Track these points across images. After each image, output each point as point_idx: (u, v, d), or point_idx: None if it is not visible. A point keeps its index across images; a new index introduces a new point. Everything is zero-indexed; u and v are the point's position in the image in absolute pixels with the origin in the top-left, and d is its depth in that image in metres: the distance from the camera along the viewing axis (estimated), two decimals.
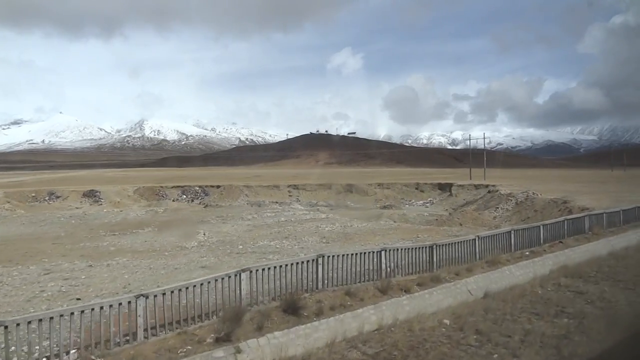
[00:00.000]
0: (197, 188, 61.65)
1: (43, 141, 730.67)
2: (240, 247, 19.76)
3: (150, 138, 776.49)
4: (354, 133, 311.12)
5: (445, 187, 61.47)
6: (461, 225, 35.27)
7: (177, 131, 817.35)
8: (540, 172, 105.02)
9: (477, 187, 56.86)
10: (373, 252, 10.88)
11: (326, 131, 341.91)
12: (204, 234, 23.60)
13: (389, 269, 11.01)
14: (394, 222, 35.14)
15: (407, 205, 57.43)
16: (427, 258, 11.91)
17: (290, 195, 60.88)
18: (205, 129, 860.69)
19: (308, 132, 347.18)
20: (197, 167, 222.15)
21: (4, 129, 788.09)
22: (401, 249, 11.69)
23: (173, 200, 57.01)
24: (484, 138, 73.76)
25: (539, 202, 37.16)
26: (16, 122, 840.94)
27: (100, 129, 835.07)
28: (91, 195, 51.37)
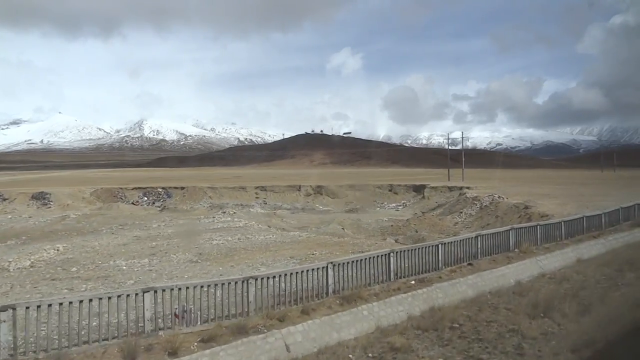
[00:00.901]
0: (161, 190, 59.09)
1: (42, 141, 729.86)
2: (75, 269, 16.91)
3: (149, 138, 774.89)
4: (350, 133, 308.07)
5: (420, 189, 58.64)
6: (417, 232, 32.49)
7: (176, 131, 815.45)
8: (528, 173, 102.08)
9: (451, 189, 54.07)
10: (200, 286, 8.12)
11: (321, 131, 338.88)
12: (58, 250, 20.67)
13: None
14: (342, 228, 32.36)
15: (377, 208, 54.70)
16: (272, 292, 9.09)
17: (257, 197, 58.19)
18: (205, 129, 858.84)
19: (304, 132, 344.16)
20: (185, 168, 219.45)
21: (2, 129, 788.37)
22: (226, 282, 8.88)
23: (134, 203, 54.40)
24: (462, 137, 71.04)
25: (502, 207, 34.36)
26: (15, 122, 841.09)
27: (100, 129, 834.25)
28: (40, 197, 48.69)
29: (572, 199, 34.51)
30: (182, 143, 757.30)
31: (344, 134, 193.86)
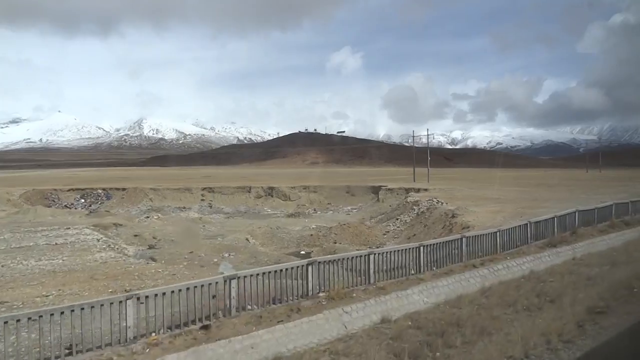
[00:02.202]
0: (100, 191, 55.30)
1: (41, 140, 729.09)
2: None
3: (148, 137, 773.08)
4: (344, 132, 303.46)
5: (378, 191, 54.64)
6: (335, 243, 28.55)
7: (176, 130, 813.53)
8: (512, 173, 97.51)
9: (407, 191, 50.01)
10: None
11: (315, 130, 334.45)
12: None
13: None
14: (247, 239, 28.41)
15: (330, 212, 50.88)
16: None
17: (202, 200, 54.37)
18: (204, 128, 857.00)
19: (297, 131, 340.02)
20: (167, 167, 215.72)
21: (2, 127, 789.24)
22: None
23: (67, 206, 50.68)
24: (428, 134, 66.73)
25: (435, 215, 30.41)
26: (14, 121, 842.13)
27: (99, 128, 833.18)
28: None
29: (518, 204, 30.50)
30: (180, 142, 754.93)
31: (338, 132, 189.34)
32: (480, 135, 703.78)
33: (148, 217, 39.35)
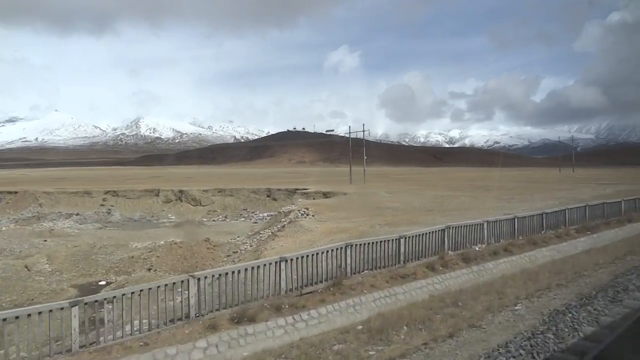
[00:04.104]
0: None
1: (37, 139, 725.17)
2: None
3: (145, 136, 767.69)
4: (332, 130, 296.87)
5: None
6: (149, 270, 22.28)
7: (173, 129, 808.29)
8: (470, 173, 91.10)
9: (326, 194, 43.71)
10: None
11: (303, 128, 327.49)
12: None
13: None
14: (45, 266, 22.13)
15: (241, 219, 44.65)
16: None
17: (102, 205, 48.13)
18: (202, 127, 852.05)
19: (286, 130, 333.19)
20: (131, 167, 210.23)
21: None
22: None
23: None
24: (364, 130, 60.37)
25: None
26: (11, 120, 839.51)
27: (96, 127, 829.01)
28: None
29: (391, 218, 24.17)
30: (177, 141, 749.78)
31: (327, 131, 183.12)
32: (478, 134, 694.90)
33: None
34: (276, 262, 9.30)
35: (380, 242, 11.60)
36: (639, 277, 10.81)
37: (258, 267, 9.20)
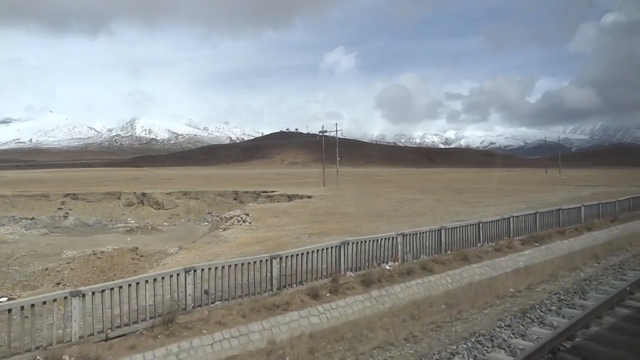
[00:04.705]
0: None
1: (30, 140, 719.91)
2: None
3: (140, 137, 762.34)
4: (326, 131, 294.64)
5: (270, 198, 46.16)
6: (58, 284, 20.08)
7: (169, 130, 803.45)
8: (453, 174, 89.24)
9: (290, 198, 41.65)
10: None
11: (296, 129, 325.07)
12: None
13: None
14: None
15: (205, 223, 42.31)
16: None
17: (59, 208, 45.89)
18: (197, 128, 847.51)
19: (279, 130, 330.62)
20: (121, 168, 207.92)
21: None
22: None
23: None
24: (336, 130, 58.45)
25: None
26: (5, 121, 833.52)
27: (91, 128, 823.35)
28: None
29: (323, 225, 22.08)
30: (172, 142, 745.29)
31: (320, 132, 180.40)
32: (474, 135, 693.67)
33: None
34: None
35: (249, 263, 9.48)
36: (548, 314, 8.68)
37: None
